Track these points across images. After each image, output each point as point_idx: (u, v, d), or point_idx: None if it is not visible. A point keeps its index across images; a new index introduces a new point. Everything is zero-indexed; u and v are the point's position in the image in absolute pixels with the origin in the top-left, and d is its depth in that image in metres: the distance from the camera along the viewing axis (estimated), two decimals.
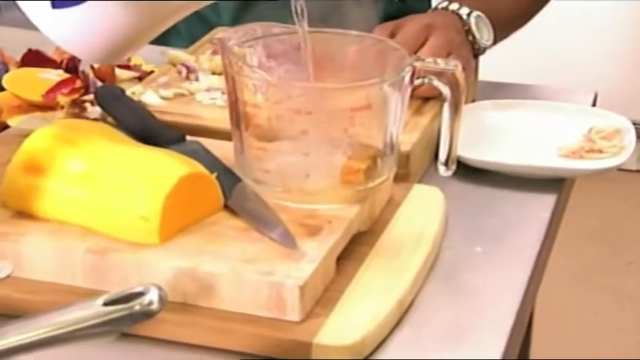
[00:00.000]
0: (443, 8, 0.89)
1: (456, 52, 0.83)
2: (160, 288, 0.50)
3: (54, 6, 0.61)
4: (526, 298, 0.66)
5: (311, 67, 0.65)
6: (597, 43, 2.37)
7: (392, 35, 0.84)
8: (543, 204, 0.77)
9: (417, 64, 0.65)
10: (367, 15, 0.91)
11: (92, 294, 0.59)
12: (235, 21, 1.04)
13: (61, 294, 0.60)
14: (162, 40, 0.83)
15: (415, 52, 0.81)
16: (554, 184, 0.79)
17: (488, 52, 0.92)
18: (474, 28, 0.88)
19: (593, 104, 0.95)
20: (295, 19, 0.65)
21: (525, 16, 0.99)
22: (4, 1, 0.93)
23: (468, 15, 0.88)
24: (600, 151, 0.81)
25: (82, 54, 0.65)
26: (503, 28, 0.93)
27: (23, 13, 0.64)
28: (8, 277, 0.55)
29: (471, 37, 0.88)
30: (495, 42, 0.91)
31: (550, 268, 0.79)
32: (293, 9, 0.64)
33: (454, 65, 0.65)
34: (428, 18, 0.86)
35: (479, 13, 0.89)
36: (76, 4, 0.61)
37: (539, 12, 1.00)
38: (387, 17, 0.96)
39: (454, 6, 0.88)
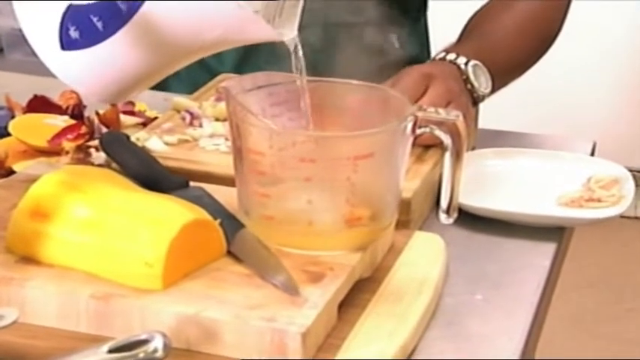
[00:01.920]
0: (440, 59, 0.91)
1: (455, 100, 0.85)
2: (164, 335, 0.50)
3: (63, 47, 0.62)
4: (527, 345, 0.66)
5: (309, 115, 0.66)
6: (595, 92, 2.39)
7: (392, 86, 0.85)
8: (543, 252, 0.77)
9: (419, 114, 0.66)
10: (367, 63, 0.92)
11: (96, 340, 0.59)
12: (237, 68, 1.06)
13: (65, 340, 0.60)
14: (163, 85, 0.85)
15: (415, 102, 0.82)
16: (555, 232, 0.80)
17: (487, 100, 0.93)
18: (472, 77, 0.89)
19: (592, 153, 0.96)
20: (294, 69, 0.66)
21: (524, 65, 1.00)
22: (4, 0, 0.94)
23: (466, 64, 0.89)
24: (599, 200, 0.82)
25: (89, 93, 0.67)
26: (502, 76, 0.95)
27: (32, 52, 0.65)
28: (14, 323, 0.55)
29: (469, 86, 0.89)
30: (494, 90, 0.93)
31: (550, 314, 0.80)
32: (293, 62, 0.66)
33: (455, 115, 0.66)
34: (427, 68, 0.88)
35: (476, 62, 0.90)
36: (84, 48, 0.62)
37: (538, 61, 1.02)
38: (388, 64, 0.98)
39: (451, 56, 0.90)
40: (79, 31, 0.61)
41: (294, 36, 0.64)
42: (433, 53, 1.00)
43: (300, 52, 0.65)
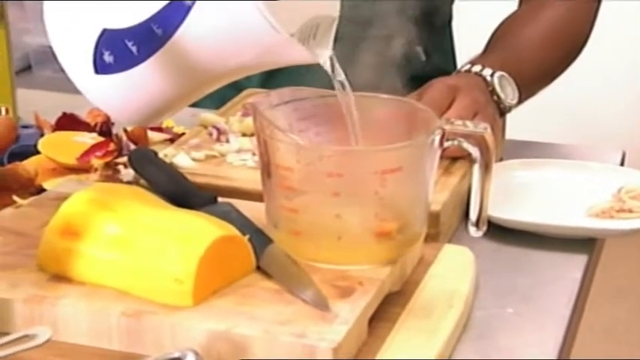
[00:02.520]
0: (466, 71, 0.90)
1: (482, 112, 0.84)
2: (196, 353, 0.50)
3: (97, 72, 0.63)
4: (560, 358, 0.65)
5: (357, 131, 0.66)
6: (624, 100, 2.37)
7: (418, 99, 0.85)
8: (575, 264, 0.76)
9: (447, 127, 0.66)
10: (394, 76, 0.92)
11: (127, 357, 0.59)
12: (264, 83, 1.06)
13: (97, 358, 0.60)
14: None
15: (442, 114, 0.82)
16: (585, 243, 0.79)
17: (515, 111, 0.93)
18: (497, 88, 0.89)
19: (622, 163, 0.95)
20: (336, 87, 0.66)
21: (551, 74, 1.00)
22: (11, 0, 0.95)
23: (492, 76, 0.89)
24: (630, 211, 0.81)
25: (121, 117, 0.67)
26: (529, 86, 0.94)
27: (61, 69, 0.65)
28: (47, 341, 0.55)
29: (495, 98, 0.89)
30: (521, 101, 0.92)
31: (582, 325, 0.79)
32: (334, 82, 0.66)
33: (483, 127, 0.66)
34: (453, 80, 0.88)
35: (502, 73, 0.90)
36: (118, 72, 0.62)
37: (565, 70, 1.01)
38: (414, 76, 0.97)
39: (477, 68, 0.90)
40: (114, 55, 0.61)
41: (331, 55, 0.64)
42: (459, 64, 1.00)
43: (339, 69, 0.65)
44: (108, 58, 0.62)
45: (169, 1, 0.59)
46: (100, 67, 0.62)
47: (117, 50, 0.62)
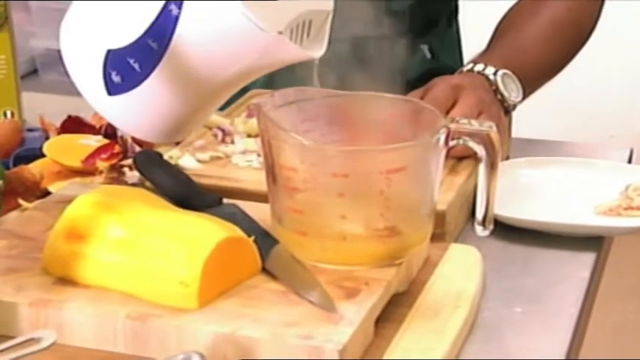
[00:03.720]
0: (468, 70, 0.90)
1: (486, 111, 0.84)
2: (201, 355, 0.50)
3: (109, 93, 0.64)
4: (569, 358, 0.65)
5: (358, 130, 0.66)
6: (631, 98, 2.36)
7: (421, 98, 0.85)
8: (582, 262, 0.76)
9: (452, 126, 0.65)
10: (399, 75, 0.92)
11: None
12: (268, 84, 1.06)
13: None
14: None
15: (446, 113, 0.82)
16: (593, 241, 0.79)
17: (521, 109, 0.92)
18: (501, 86, 0.89)
19: (629, 160, 0.94)
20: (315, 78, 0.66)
21: (554, 69, 0.99)
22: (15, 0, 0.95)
23: (494, 74, 0.89)
24: (638, 209, 0.80)
25: (140, 134, 0.68)
26: (532, 82, 0.94)
27: (66, 72, 0.67)
28: (53, 345, 0.55)
29: (499, 96, 0.89)
30: (525, 96, 0.92)
31: (591, 324, 0.78)
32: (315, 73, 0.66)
33: (489, 126, 0.66)
34: (456, 79, 0.87)
35: (505, 71, 0.89)
36: (128, 91, 0.63)
37: (569, 63, 1.00)
38: (420, 74, 0.97)
39: (479, 67, 0.89)
40: (120, 75, 0.63)
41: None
42: (466, 60, 0.99)
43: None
44: (116, 78, 0.64)
45: (156, 13, 0.60)
46: (112, 88, 0.64)
47: (122, 69, 0.63)
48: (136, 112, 0.65)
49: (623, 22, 2.21)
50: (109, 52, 0.63)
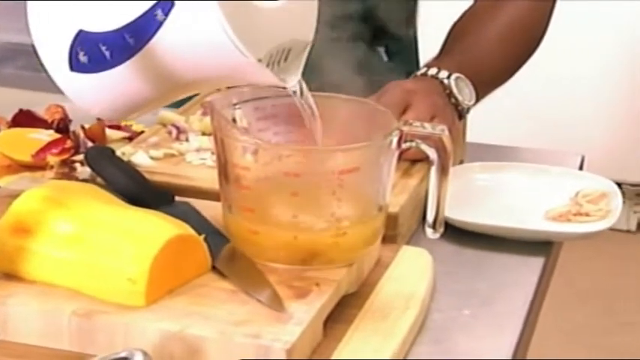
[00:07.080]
0: (422, 74, 0.90)
1: (439, 115, 0.84)
2: (145, 353, 0.50)
3: (72, 69, 0.63)
4: (515, 358, 0.65)
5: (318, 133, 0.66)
6: (584, 106, 2.40)
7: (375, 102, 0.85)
8: (531, 267, 0.77)
9: (405, 128, 0.66)
10: (355, 78, 0.92)
11: (78, 358, 0.58)
12: None
13: (48, 358, 0.59)
14: None
15: (399, 117, 0.82)
16: (542, 246, 0.80)
17: (476, 113, 0.93)
18: (454, 90, 0.89)
19: (580, 167, 0.95)
20: (301, 110, 0.66)
21: (508, 72, 0.99)
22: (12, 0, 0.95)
23: (448, 78, 0.89)
24: (587, 215, 0.81)
25: (95, 112, 0.68)
26: (487, 85, 0.94)
27: (23, 67, 0.67)
28: None
29: (453, 100, 0.89)
30: (478, 99, 0.92)
31: (543, 329, 0.79)
32: (298, 102, 0.66)
33: (441, 129, 0.66)
34: (409, 84, 0.88)
35: (458, 74, 0.90)
36: (91, 72, 0.63)
37: (522, 66, 1.01)
38: (376, 78, 0.97)
39: (433, 71, 0.90)
40: (88, 56, 0.63)
41: (299, 80, 0.65)
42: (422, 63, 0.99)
43: (308, 94, 0.65)
44: (83, 58, 0.63)
45: (142, 13, 0.60)
46: (75, 65, 0.63)
47: (91, 52, 0.63)
48: (96, 92, 0.65)
49: (582, 31, 2.25)
50: (80, 31, 0.63)
